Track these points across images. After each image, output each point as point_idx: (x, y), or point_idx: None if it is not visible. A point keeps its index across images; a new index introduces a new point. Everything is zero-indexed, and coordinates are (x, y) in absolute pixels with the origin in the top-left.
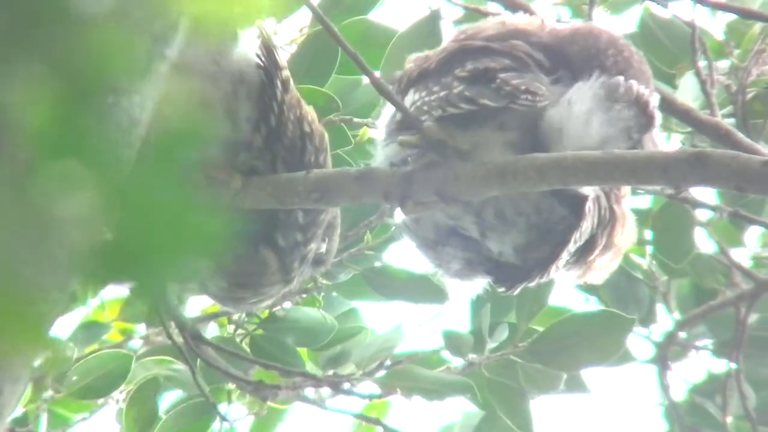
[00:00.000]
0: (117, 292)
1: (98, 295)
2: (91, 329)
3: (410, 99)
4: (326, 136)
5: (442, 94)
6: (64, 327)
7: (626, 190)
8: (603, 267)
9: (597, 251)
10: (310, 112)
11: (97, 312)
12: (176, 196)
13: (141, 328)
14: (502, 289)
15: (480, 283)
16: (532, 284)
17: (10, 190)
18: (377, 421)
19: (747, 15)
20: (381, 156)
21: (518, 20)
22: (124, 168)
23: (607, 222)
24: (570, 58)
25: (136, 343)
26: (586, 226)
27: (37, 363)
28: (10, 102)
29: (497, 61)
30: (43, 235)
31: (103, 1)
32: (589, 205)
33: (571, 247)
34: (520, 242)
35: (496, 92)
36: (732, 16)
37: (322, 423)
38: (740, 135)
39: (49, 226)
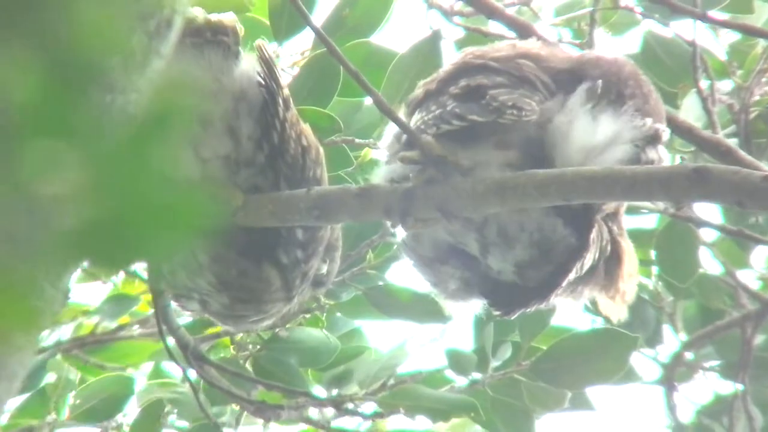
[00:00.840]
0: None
1: (127, 269)
2: (119, 302)
3: (414, 119)
4: (321, 149)
5: (437, 112)
6: (93, 299)
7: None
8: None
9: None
10: (305, 128)
11: (126, 284)
12: (160, 172)
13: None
14: (497, 313)
15: (474, 305)
16: (529, 311)
17: None
18: None
19: (750, 32)
20: (382, 173)
21: (531, 45)
22: (93, 134)
23: (609, 254)
24: (590, 79)
25: None
26: (590, 256)
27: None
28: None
29: (490, 78)
30: (28, 215)
31: None
32: (593, 236)
33: (572, 276)
34: (521, 259)
35: (484, 108)
36: (734, 38)
37: None
38: (741, 152)
39: (34, 206)
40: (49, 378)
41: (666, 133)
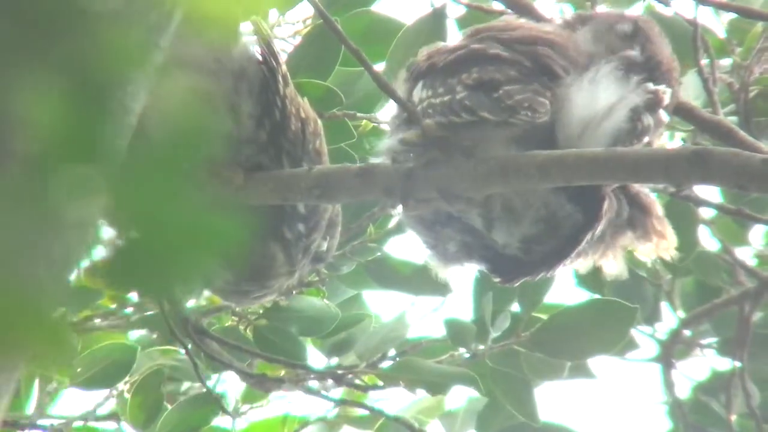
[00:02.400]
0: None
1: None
2: (81, 295)
3: (418, 94)
4: (318, 121)
5: (446, 98)
6: None
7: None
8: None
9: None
10: (303, 102)
11: (87, 278)
12: (186, 195)
13: (134, 295)
14: (498, 280)
15: (470, 269)
16: (534, 279)
17: (18, 193)
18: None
19: (748, 14)
20: (383, 152)
21: (544, 28)
22: (116, 158)
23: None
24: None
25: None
26: (601, 228)
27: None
28: (16, 101)
29: (503, 72)
30: (52, 237)
31: None
32: (606, 206)
33: (581, 247)
34: (527, 234)
35: (496, 104)
36: (734, 15)
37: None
38: (743, 133)
39: (59, 229)
40: None
41: (668, 96)
